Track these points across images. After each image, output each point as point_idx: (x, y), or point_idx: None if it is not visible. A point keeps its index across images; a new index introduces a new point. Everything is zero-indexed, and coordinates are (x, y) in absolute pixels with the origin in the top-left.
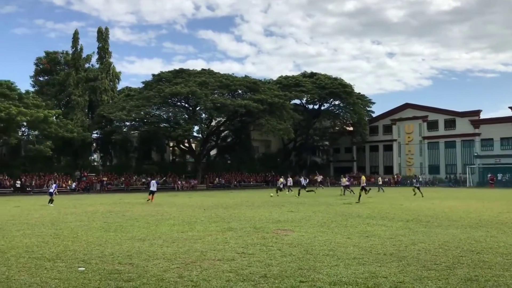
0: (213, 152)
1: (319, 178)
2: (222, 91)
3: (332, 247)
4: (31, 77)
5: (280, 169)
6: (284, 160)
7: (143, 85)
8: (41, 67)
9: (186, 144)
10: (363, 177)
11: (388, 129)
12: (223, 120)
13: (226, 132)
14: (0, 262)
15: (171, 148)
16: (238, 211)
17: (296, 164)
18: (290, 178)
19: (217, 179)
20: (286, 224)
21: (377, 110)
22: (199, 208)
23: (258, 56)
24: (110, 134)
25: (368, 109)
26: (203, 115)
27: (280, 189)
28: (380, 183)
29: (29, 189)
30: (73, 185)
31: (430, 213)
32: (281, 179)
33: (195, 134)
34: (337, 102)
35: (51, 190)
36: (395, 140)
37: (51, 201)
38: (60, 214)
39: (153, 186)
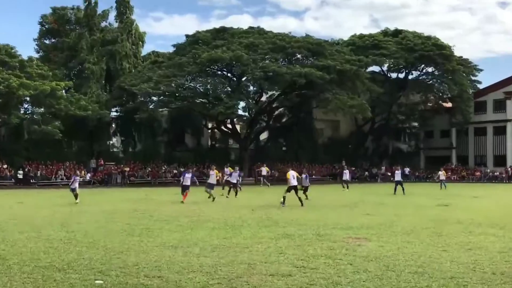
0: (263, 136)
1: (264, 170)
2: (275, 56)
3: (422, 263)
4: (35, 40)
5: (351, 159)
6: (358, 146)
7: (174, 49)
8: (46, 27)
9: (229, 125)
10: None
11: (500, 106)
12: (276, 94)
13: (280, 110)
14: (0, 271)
15: (209, 131)
16: (296, 212)
17: (373, 152)
18: (347, 170)
19: (268, 170)
20: (359, 231)
21: (485, 79)
22: (246, 208)
23: (322, 9)
24: (133, 112)
25: (473, 78)
26: (251, 87)
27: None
28: (443, 178)
29: (33, 181)
30: (88, 176)
31: None
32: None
33: (240, 112)
34: (430, 70)
35: (74, 186)
36: (510, 120)
37: (76, 196)
38: (72, 213)
39: (187, 180)
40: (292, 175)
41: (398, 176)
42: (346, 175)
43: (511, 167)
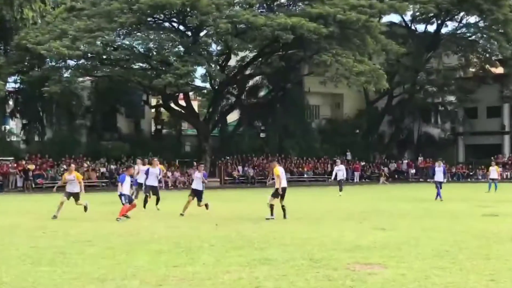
0: (232, 118)
1: (198, 172)
2: (249, 1)
3: None
4: None
5: (360, 149)
6: (369, 131)
7: None
8: None
9: (182, 102)
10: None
11: None
12: (251, 56)
13: (257, 79)
14: None
15: (153, 110)
16: (280, 227)
17: (391, 139)
18: (342, 166)
19: (239, 168)
20: (371, 252)
21: None
22: (207, 222)
23: None
24: (40, 83)
25: None
26: (214, 46)
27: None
28: (495, 176)
29: None
30: None
31: None
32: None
33: (198, 82)
34: (472, 20)
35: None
36: None
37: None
38: None
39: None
40: (282, 172)
41: (439, 175)
42: (340, 174)
43: None
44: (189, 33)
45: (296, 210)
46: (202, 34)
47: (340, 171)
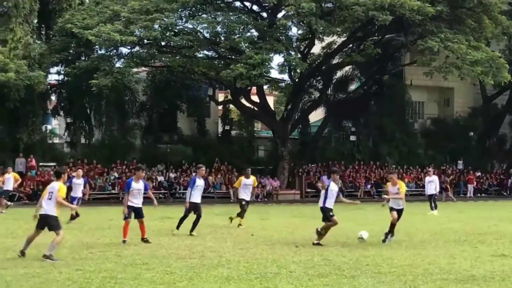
0: (316, 117)
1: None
2: None
3: None
4: None
5: (473, 155)
6: (486, 134)
7: None
8: None
9: (255, 98)
10: None
11: None
12: (340, 42)
13: (346, 70)
14: None
15: (220, 108)
16: (374, 251)
17: None
18: (435, 177)
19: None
20: (488, 284)
21: None
22: (285, 244)
23: None
24: (87, 75)
25: None
26: (294, 30)
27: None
28: None
29: None
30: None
31: None
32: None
33: (275, 74)
34: None
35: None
36: None
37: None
38: None
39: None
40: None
41: None
42: (433, 187)
43: None
44: (265, 14)
45: (396, 231)
46: (280, 15)
47: (431, 183)
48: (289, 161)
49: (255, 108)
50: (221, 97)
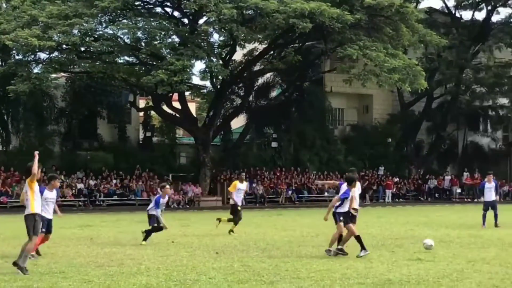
0: (237, 123)
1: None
2: None
3: None
4: None
5: (391, 161)
6: (403, 141)
7: None
8: None
9: (176, 104)
10: None
11: None
12: (261, 49)
13: (267, 77)
14: None
15: (141, 114)
16: (294, 257)
17: (431, 150)
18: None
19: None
20: None
21: None
22: (205, 250)
23: None
24: (4, 80)
25: None
26: (216, 36)
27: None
28: None
29: None
30: None
31: None
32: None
33: (195, 81)
34: None
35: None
36: None
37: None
38: None
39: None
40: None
41: (490, 194)
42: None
43: None
44: (186, 21)
45: (314, 235)
46: (201, 21)
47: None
48: (211, 168)
49: (177, 115)
50: (142, 103)
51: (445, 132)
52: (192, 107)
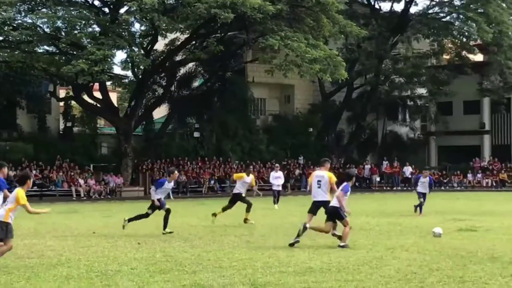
0: (160, 113)
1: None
2: None
3: None
4: None
5: (312, 151)
6: (324, 130)
7: None
8: None
9: (97, 94)
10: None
11: None
12: (183, 39)
13: (189, 66)
14: None
15: (61, 104)
16: (216, 246)
17: (352, 139)
18: (279, 173)
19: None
20: (324, 276)
21: None
22: (127, 241)
23: None
24: None
25: None
26: (137, 26)
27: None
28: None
29: None
30: None
31: None
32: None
33: (117, 70)
34: None
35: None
36: None
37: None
38: None
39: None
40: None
41: (423, 187)
42: (279, 182)
43: None
44: (107, 10)
45: (236, 225)
46: (122, 11)
47: (279, 178)
48: (133, 158)
49: (98, 105)
50: (62, 93)
51: (365, 121)
52: (114, 97)
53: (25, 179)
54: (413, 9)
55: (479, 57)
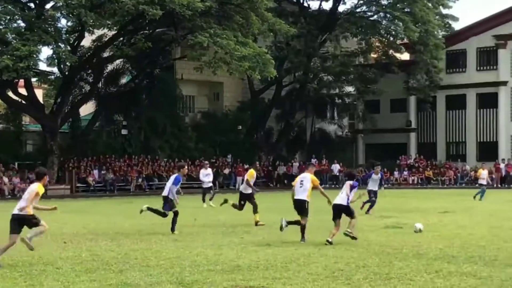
0: (86, 110)
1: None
2: None
3: None
4: None
5: (242, 148)
6: (253, 127)
7: None
8: None
9: (22, 91)
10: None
11: (488, 59)
12: (109, 35)
13: (117, 63)
14: None
15: None
16: (143, 245)
17: (281, 137)
18: (209, 170)
19: (95, 172)
20: (252, 273)
21: (465, 15)
22: (53, 240)
23: None
24: None
25: (446, 12)
26: (64, 22)
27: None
28: (484, 182)
29: None
30: None
31: None
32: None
33: (42, 67)
34: None
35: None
36: (504, 83)
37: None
38: None
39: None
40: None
41: (374, 184)
42: (210, 179)
43: (504, 161)
44: (32, 5)
45: (163, 223)
46: (48, 6)
47: (209, 175)
48: (59, 156)
49: (23, 101)
50: None
51: (294, 119)
52: (39, 93)
53: (43, 175)
54: (341, 8)
55: (405, 56)
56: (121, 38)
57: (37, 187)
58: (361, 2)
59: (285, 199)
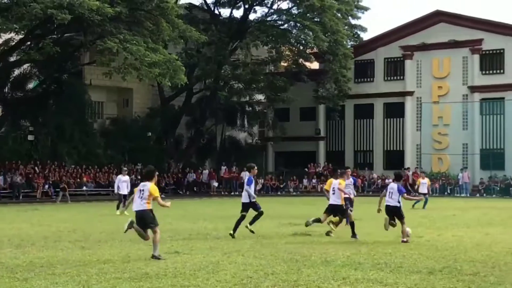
0: None
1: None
2: None
3: None
4: None
5: (151, 155)
6: (163, 134)
7: None
8: None
9: None
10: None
11: (395, 69)
12: (17, 39)
13: (24, 68)
14: None
15: None
16: (49, 253)
17: (191, 144)
18: (127, 177)
19: (0, 178)
20: (160, 281)
21: (373, 26)
22: None
23: None
24: None
25: (354, 22)
26: None
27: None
28: (425, 191)
29: None
30: None
31: (478, 256)
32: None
33: None
34: (284, 5)
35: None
36: (410, 93)
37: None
38: None
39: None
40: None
41: (348, 190)
42: (125, 186)
43: (416, 171)
44: None
45: (70, 230)
46: None
47: (124, 182)
48: None
49: None
50: None
51: (204, 126)
52: None
53: (153, 173)
54: (252, 16)
55: (315, 65)
56: (29, 43)
57: (150, 188)
58: (272, 11)
59: (194, 206)
